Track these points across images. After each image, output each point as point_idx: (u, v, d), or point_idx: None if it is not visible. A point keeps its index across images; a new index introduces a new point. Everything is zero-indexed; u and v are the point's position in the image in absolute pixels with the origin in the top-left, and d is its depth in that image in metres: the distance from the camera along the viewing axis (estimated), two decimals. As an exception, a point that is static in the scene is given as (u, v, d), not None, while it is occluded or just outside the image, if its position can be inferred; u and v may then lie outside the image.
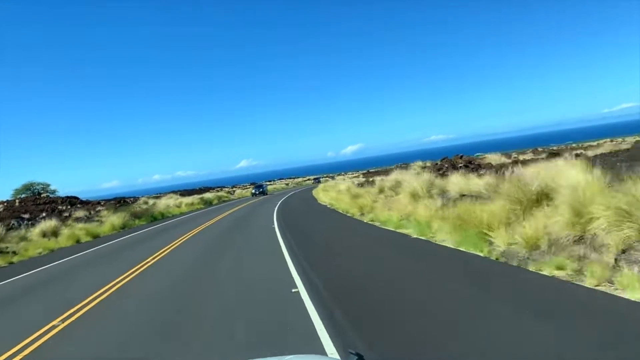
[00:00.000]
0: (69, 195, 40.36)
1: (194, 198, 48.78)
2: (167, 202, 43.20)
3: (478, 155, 65.96)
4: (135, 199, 45.25)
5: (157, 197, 51.64)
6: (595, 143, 50.66)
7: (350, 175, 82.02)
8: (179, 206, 42.59)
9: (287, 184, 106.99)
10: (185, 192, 64.31)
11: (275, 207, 30.14)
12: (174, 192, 63.97)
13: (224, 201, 53.94)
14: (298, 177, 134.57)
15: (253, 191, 59.94)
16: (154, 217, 31.74)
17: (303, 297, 6.96)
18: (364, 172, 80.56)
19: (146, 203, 42.01)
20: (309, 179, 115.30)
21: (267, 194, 58.53)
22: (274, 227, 17.57)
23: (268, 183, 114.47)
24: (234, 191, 78.59)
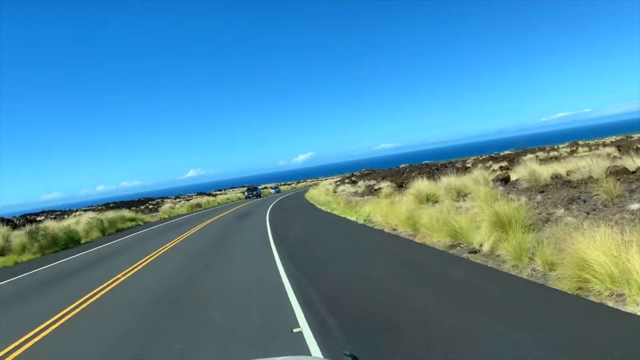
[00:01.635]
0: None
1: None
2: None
3: (425, 163, 51.52)
4: None
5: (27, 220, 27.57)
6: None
7: (328, 182, 59.06)
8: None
9: (227, 198, 69.51)
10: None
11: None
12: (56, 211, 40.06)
13: (123, 230, 30.16)
14: (244, 187, 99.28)
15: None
16: None
17: None
18: (348, 175, 56.95)
19: None
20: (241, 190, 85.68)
21: None
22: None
23: (218, 192, 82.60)
24: (172, 204, 53.56)
